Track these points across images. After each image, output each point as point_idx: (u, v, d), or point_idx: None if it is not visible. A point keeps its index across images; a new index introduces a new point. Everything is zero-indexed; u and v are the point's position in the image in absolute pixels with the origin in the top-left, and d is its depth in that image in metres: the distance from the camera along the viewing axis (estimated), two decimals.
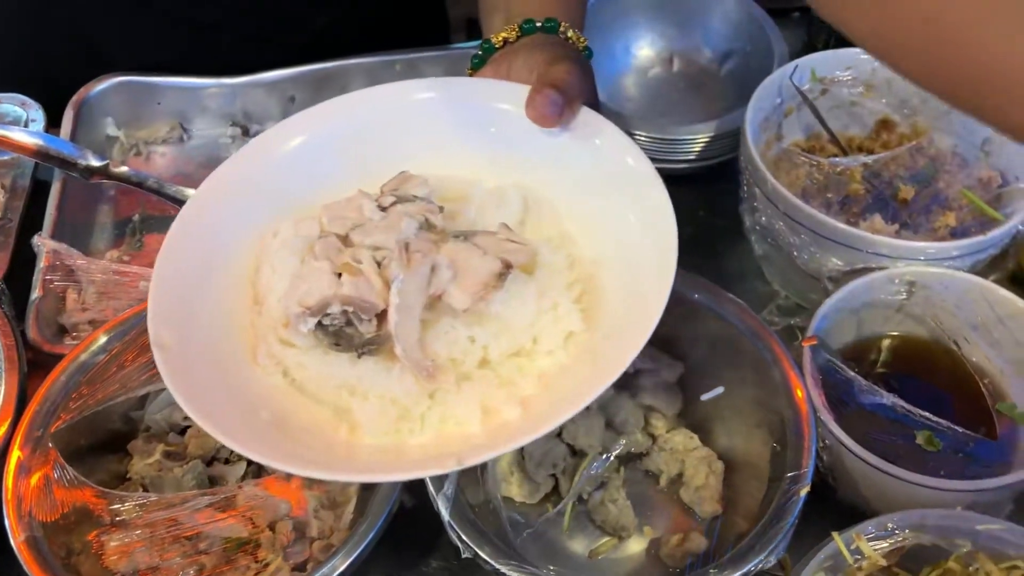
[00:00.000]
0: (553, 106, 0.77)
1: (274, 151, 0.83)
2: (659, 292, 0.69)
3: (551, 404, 0.68)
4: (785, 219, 0.96)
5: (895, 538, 0.80)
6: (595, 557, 0.92)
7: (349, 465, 0.70)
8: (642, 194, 0.76)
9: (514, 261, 0.74)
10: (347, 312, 0.71)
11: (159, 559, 0.80)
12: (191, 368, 0.69)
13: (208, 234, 0.78)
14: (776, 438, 0.86)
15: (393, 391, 0.71)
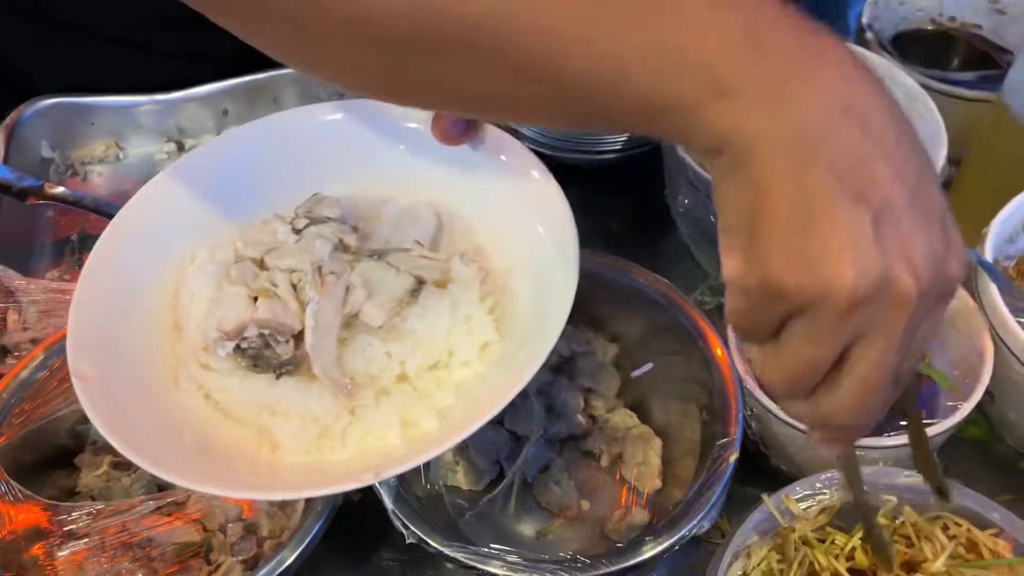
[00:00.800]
0: (455, 126, 0.80)
1: (189, 179, 0.84)
2: (564, 297, 0.72)
3: (467, 413, 0.71)
4: (707, 202, 1.00)
5: (824, 497, 0.83)
6: (542, 538, 0.94)
7: (272, 484, 0.72)
8: (546, 205, 0.79)
9: (427, 277, 0.77)
10: (264, 335, 0.74)
11: (108, 566, 0.81)
12: (113, 396, 0.71)
13: (127, 262, 0.79)
14: (706, 409, 0.90)
15: (313, 410, 0.74)
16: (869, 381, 0.54)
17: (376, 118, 0.86)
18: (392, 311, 0.75)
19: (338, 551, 0.92)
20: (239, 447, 0.74)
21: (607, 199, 1.23)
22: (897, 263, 0.50)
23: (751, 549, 0.83)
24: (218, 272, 0.79)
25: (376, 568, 0.93)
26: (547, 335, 0.70)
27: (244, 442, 0.74)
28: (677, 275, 1.12)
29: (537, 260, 0.79)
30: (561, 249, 0.75)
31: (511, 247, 0.82)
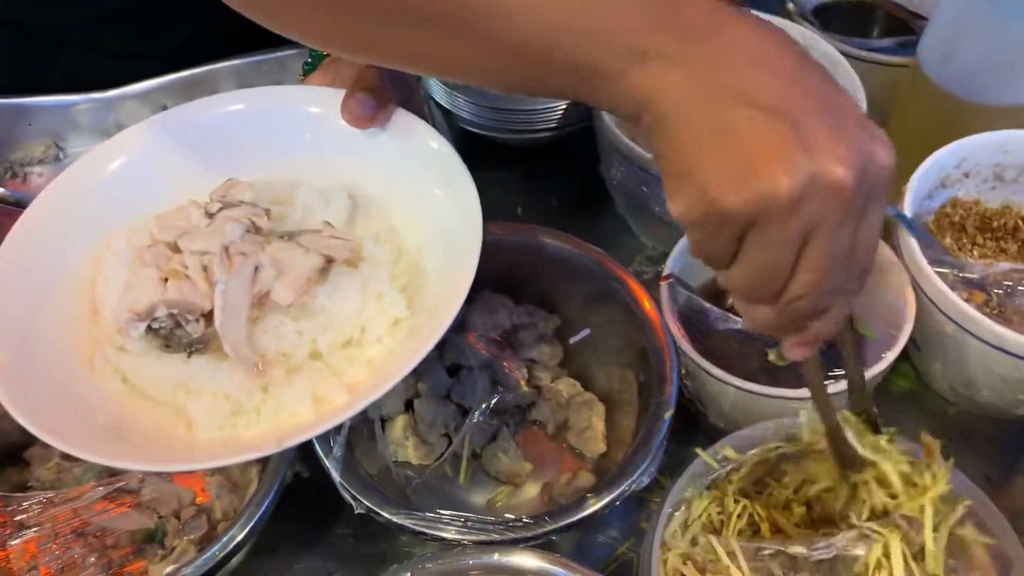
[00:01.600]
0: (365, 108, 0.83)
1: (103, 168, 0.86)
2: (466, 276, 0.74)
3: (375, 385, 0.73)
4: (638, 172, 1.03)
5: (756, 448, 0.86)
6: (493, 505, 0.97)
7: (186, 459, 0.74)
8: (452, 183, 0.81)
9: (336, 256, 0.79)
10: (174, 315, 0.76)
11: (60, 552, 0.82)
12: (28, 381, 0.73)
13: (42, 252, 0.81)
14: (643, 372, 0.92)
15: (225, 387, 0.76)
16: (823, 264, 0.57)
17: (285, 105, 0.88)
18: (301, 290, 0.76)
19: (291, 528, 0.94)
20: (156, 426, 0.75)
21: (546, 177, 1.25)
22: (823, 158, 0.53)
23: (691, 502, 0.86)
24: (132, 257, 0.81)
25: (329, 543, 0.95)
26: (451, 304, 0.73)
27: (161, 421, 0.76)
28: (617, 248, 1.16)
29: (445, 236, 0.81)
30: (467, 224, 0.78)
31: (422, 224, 0.84)
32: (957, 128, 1.01)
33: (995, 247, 1.03)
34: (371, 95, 0.83)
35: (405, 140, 0.85)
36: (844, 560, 0.81)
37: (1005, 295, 0.95)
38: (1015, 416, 0.93)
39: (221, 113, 0.88)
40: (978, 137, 1.00)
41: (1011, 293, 0.95)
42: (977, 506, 0.81)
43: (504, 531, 0.81)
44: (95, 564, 0.82)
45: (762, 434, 0.86)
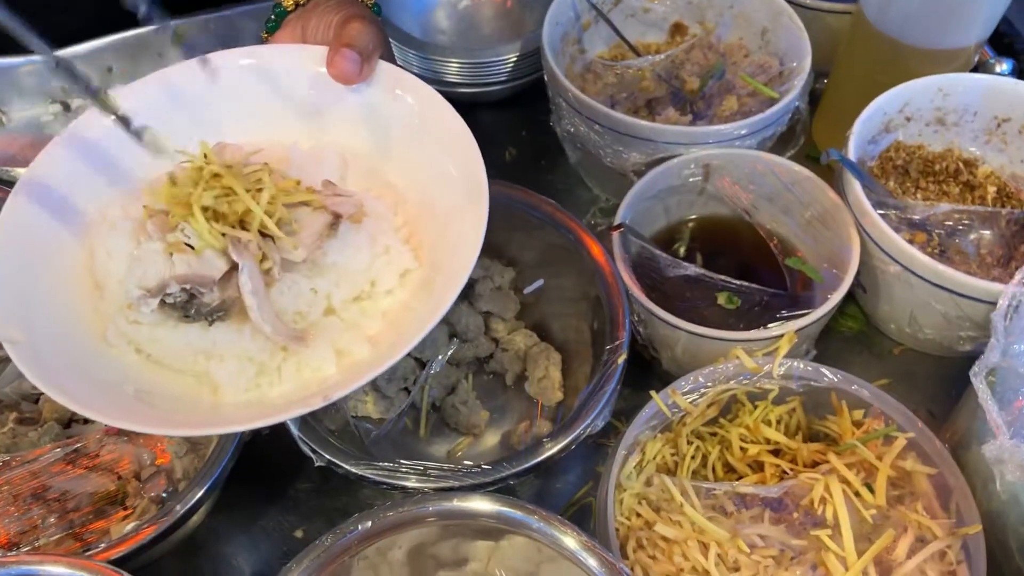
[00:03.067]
0: (352, 64, 0.82)
1: (87, 136, 0.84)
2: (476, 224, 0.75)
3: (397, 336, 0.74)
4: (588, 123, 1.03)
5: (708, 390, 0.88)
6: (454, 456, 0.98)
7: (219, 421, 0.74)
8: (448, 136, 0.81)
9: (343, 212, 0.79)
10: (187, 288, 0.75)
11: (18, 513, 0.82)
12: (46, 357, 0.72)
13: (35, 226, 0.79)
14: (597, 320, 0.94)
15: (248, 350, 0.76)
16: None
17: (273, 64, 0.87)
18: (313, 246, 0.76)
19: (252, 486, 0.94)
20: (179, 393, 0.75)
21: (499, 131, 1.26)
22: None
23: (645, 445, 0.88)
24: (133, 228, 0.79)
25: (291, 499, 0.96)
26: (463, 261, 0.73)
27: (184, 388, 0.76)
28: (571, 201, 1.17)
29: (445, 189, 0.81)
30: (468, 177, 0.78)
31: (418, 179, 0.84)
32: (899, 73, 1.03)
33: (937, 190, 1.05)
34: (356, 50, 0.82)
35: (393, 93, 0.84)
36: (792, 494, 0.83)
37: (946, 235, 0.97)
38: (957, 353, 0.96)
39: (207, 74, 0.87)
40: (919, 81, 1.02)
41: (951, 233, 0.97)
42: (919, 439, 0.84)
43: (463, 478, 0.82)
44: (55, 525, 0.82)
45: (711, 377, 0.88)
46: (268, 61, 0.88)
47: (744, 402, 0.92)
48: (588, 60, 1.17)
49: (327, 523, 0.95)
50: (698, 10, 1.17)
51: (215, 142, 0.84)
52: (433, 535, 0.82)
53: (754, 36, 1.15)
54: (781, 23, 1.10)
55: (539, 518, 0.77)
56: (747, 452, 0.90)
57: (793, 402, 0.91)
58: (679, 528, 0.81)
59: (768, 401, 0.91)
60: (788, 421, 0.92)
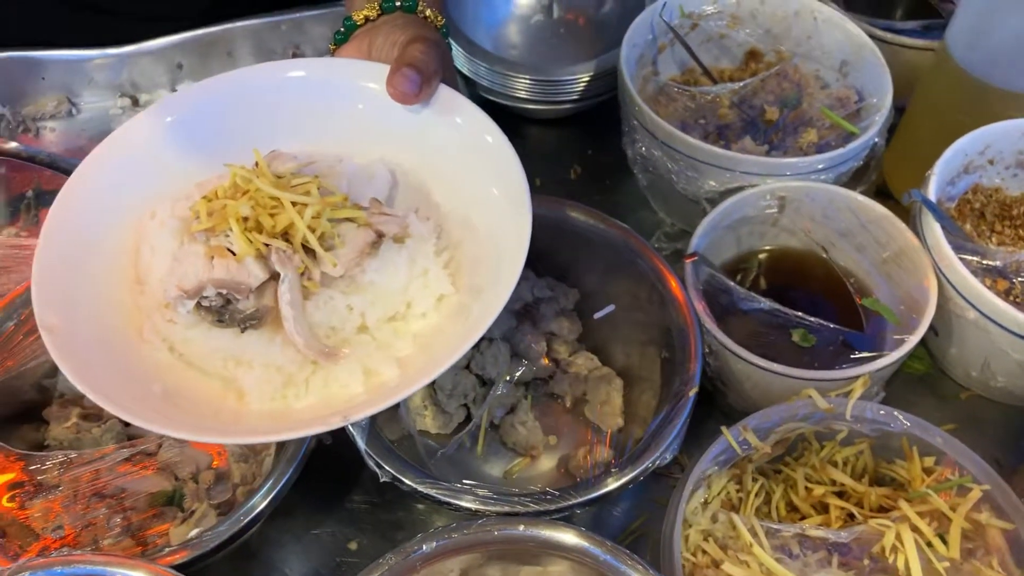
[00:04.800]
0: (411, 84, 0.82)
1: (147, 133, 0.84)
2: (517, 252, 0.74)
3: (426, 361, 0.74)
4: (663, 147, 1.02)
5: (778, 429, 0.87)
6: (510, 477, 0.97)
7: (240, 429, 0.74)
8: (499, 167, 0.81)
9: (386, 231, 0.79)
10: (223, 293, 0.75)
11: (82, 514, 0.82)
12: (81, 347, 0.72)
13: (86, 216, 0.79)
14: (666, 349, 0.92)
15: (277, 359, 0.76)
16: None
17: (335, 77, 0.87)
18: (352, 262, 0.76)
19: (310, 495, 0.94)
20: (205, 396, 0.75)
21: (566, 149, 1.25)
22: None
23: (711, 479, 0.87)
24: (179, 227, 0.80)
25: (348, 511, 0.96)
26: (500, 289, 0.73)
27: (210, 391, 0.75)
28: (634, 223, 1.14)
29: (490, 216, 0.81)
30: (514, 206, 0.78)
31: (465, 204, 0.84)
32: (983, 114, 1.01)
33: (1014, 235, 1.03)
34: (417, 71, 0.82)
35: (449, 118, 0.84)
36: (861, 540, 0.82)
37: None
38: None
39: (277, 79, 0.87)
40: (1004, 124, 1.00)
41: None
42: (995, 492, 0.82)
43: (527, 502, 0.81)
44: (119, 526, 0.82)
45: (782, 416, 0.87)
46: (330, 73, 0.87)
47: (811, 441, 0.90)
48: (661, 83, 1.16)
49: (380, 537, 0.94)
50: (775, 39, 1.16)
51: (269, 150, 0.84)
52: (479, 558, 0.81)
53: (831, 68, 1.13)
54: (862, 57, 1.09)
55: (606, 550, 0.76)
56: (812, 492, 0.89)
57: (861, 444, 0.90)
58: (747, 568, 0.80)
59: (835, 441, 0.90)
60: (855, 463, 0.91)
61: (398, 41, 0.86)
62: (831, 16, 1.12)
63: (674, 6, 1.12)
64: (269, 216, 0.75)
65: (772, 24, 1.15)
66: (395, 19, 0.90)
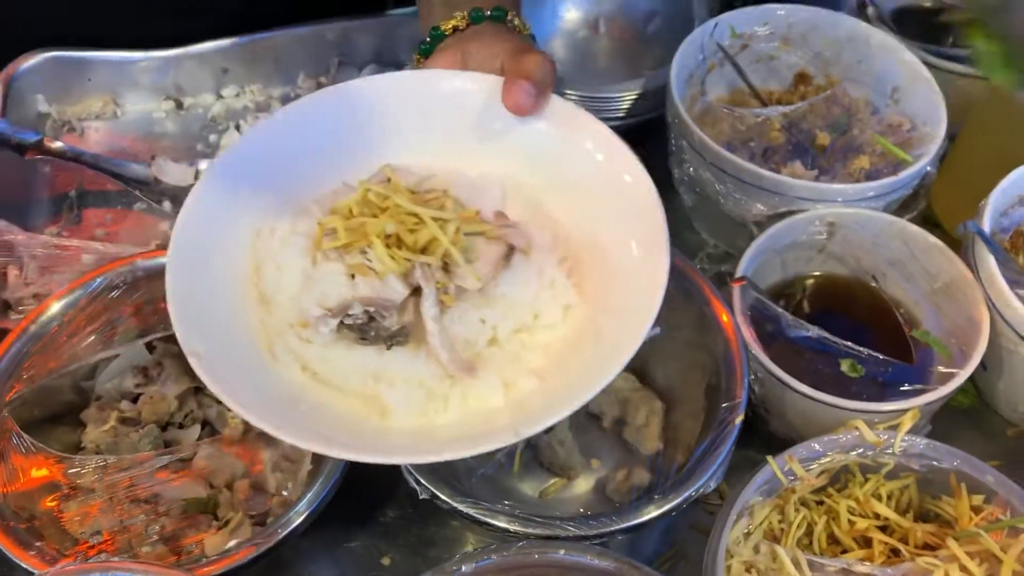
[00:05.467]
0: (528, 96, 0.81)
1: (259, 149, 0.82)
2: (655, 268, 0.73)
3: (566, 372, 0.73)
4: (712, 169, 1.01)
5: (824, 460, 0.85)
6: (545, 497, 0.96)
7: (411, 448, 0.72)
8: (621, 175, 0.80)
9: (517, 243, 0.78)
10: (368, 311, 0.74)
11: (120, 520, 0.82)
12: (226, 371, 0.70)
13: (205, 236, 0.77)
14: (711, 373, 0.91)
15: (420, 375, 0.75)
16: None
17: (442, 88, 0.85)
18: (488, 276, 0.75)
19: (344, 507, 0.92)
20: (346, 415, 0.74)
21: None
22: None
23: (753, 509, 0.85)
24: (306, 245, 0.78)
25: (381, 525, 0.95)
26: (641, 302, 0.72)
27: (350, 410, 0.74)
28: (678, 243, 1.13)
29: (614, 228, 0.79)
30: (641, 216, 0.77)
31: (583, 214, 0.82)
32: None
33: None
34: (533, 83, 0.81)
35: (566, 129, 0.83)
36: None
37: None
38: None
39: (388, 91, 0.85)
40: None
41: None
42: None
43: (568, 527, 0.80)
44: (157, 534, 0.82)
45: (828, 447, 0.85)
46: (436, 84, 0.86)
47: (855, 472, 0.89)
48: (708, 103, 1.15)
49: (413, 553, 0.93)
50: (826, 62, 1.15)
51: (381, 163, 0.82)
52: None
53: (883, 94, 1.12)
54: (915, 84, 1.07)
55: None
56: (855, 525, 0.87)
57: (907, 479, 0.88)
58: None
59: (880, 475, 0.88)
60: (899, 497, 0.89)
61: (501, 52, 0.85)
62: (884, 41, 1.10)
63: (725, 26, 1.11)
64: (409, 232, 0.75)
65: (823, 47, 1.14)
66: (485, 29, 0.90)
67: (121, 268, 0.91)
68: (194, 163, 1.17)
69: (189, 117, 1.26)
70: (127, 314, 0.92)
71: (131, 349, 0.93)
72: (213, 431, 0.96)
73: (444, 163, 0.84)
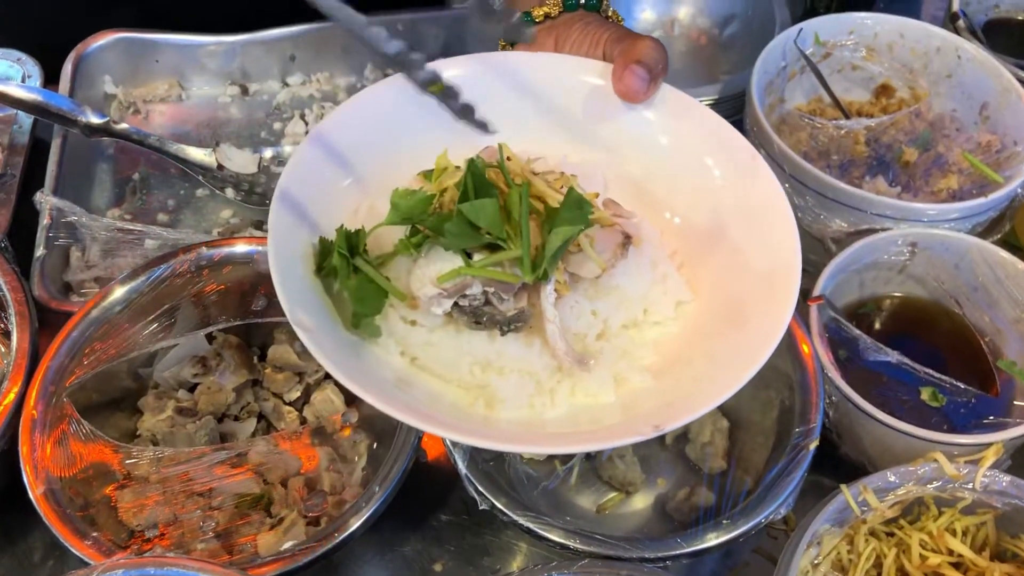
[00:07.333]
0: (641, 82, 0.79)
1: (359, 120, 0.80)
2: (785, 282, 0.70)
3: (684, 372, 0.70)
4: (791, 181, 0.97)
5: (899, 491, 0.82)
6: (602, 512, 0.93)
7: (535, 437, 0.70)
8: (739, 175, 0.77)
9: (632, 233, 0.74)
10: (487, 292, 0.70)
11: (175, 514, 0.81)
12: (333, 348, 0.67)
13: (304, 210, 0.74)
14: (783, 395, 0.88)
15: (533, 365, 0.71)
16: None
17: (546, 72, 0.83)
18: (608, 263, 0.71)
19: (397, 511, 0.90)
20: (449, 401, 0.71)
21: None
22: None
23: (823, 538, 0.82)
24: None
25: (433, 529, 0.93)
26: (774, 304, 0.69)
27: (453, 397, 0.71)
28: None
29: (726, 229, 0.76)
30: (765, 227, 0.73)
31: (691, 209, 0.79)
32: None
33: None
34: (646, 69, 0.78)
35: (677, 121, 0.80)
36: None
37: None
38: None
39: (481, 73, 0.83)
40: None
41: None
42: None
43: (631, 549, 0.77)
44: (212, 530, 0.80)
45: (905, 478, 0.82)
46: (538, 68, 0.84)
47: (929, 505, 0.85)
48: (786, 111, 1.12)
49: (466, 561, 0.92)
50: (912, 74, 1.11)
51: (481, 144, 0.78)
52: None
53: (970, 110, 1.08)
54: (1007, 100, 1.03)
55: None
56: (926, 561, 0.83)
57: (985, 515, 0.84)
58: None
59: (956, 509, 0.84)
60: (975, 534, 0.85)
61: (603, 39, 0.83)
62: (976, 55, 1.06)
63: (810, 33, 1.08)
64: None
65: (911, 59, 1.10)
66: (580, 16, 0.88)
67: (185, 256, 0.90)
68: (258, 151, 1.16)
69: (254, 103, 1.24)
70: (189, 303, 0.90)
71: (191, 339, 0.92)
72: (269, 425, 0.95)
73: (543, 148, 0.81)
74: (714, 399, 0.65)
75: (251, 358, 0.95)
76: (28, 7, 1.23)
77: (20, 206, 1.04)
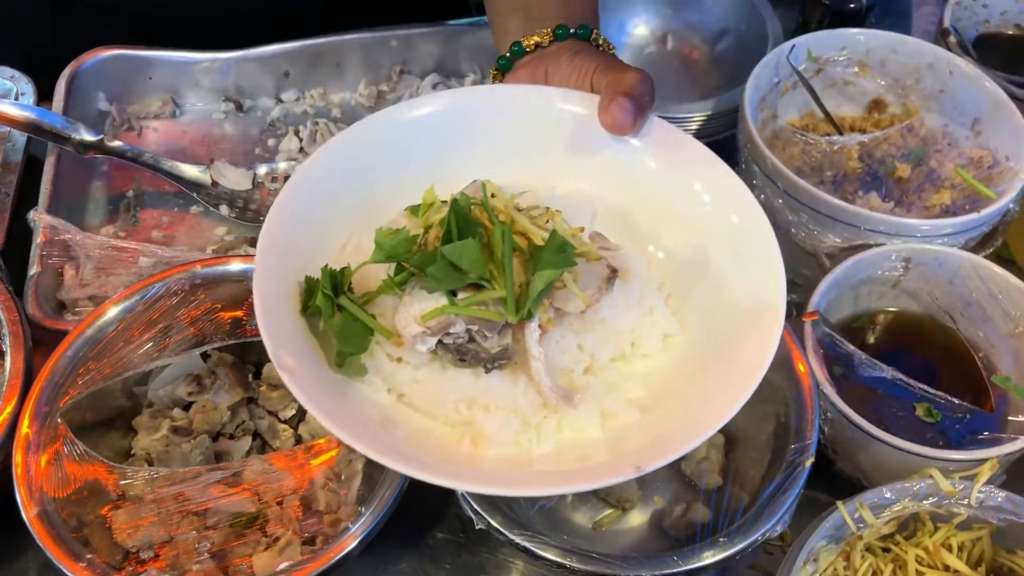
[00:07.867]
0: (627, 115, 0.78)
1: (345, 159, 0.80)
2: (770, 310, 0.70)
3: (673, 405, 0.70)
4: (784, 196, 0.98)
5: (895, 507, 0.82)
6: (599, 529, 0.93)
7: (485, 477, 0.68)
8: (725, 195, 0.77)
9: (618, 266, 0.74)
10: (470, 330, 0.70)
11: (170, 534, 0.80)
12: (316, 389, 0.67)
13: (288, 254, 0.74)
14: (779, 411, 0.88)
15: (518, 402, 0.71)
16: None
17: (531, 103, 0.83)
18: (593, 298, 0.71)
19: (393, 529, 0.90)
20: (435, 440, 0.70)
21: None
22: None
23: (819, 555, 0.82)
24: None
25: (430, 547, 0.93)
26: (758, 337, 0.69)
27: (439, 435, 0.71)
28: None
29: (713, 261, 0.76)
30: (752, 257, 0.73)
31: (678, 241, 0.79)
32: None
33: None
34: (633, 101, 0.78)
35: (665, 152, 0.80)
36: None
37: None
38: None
39: (466, 107, 0.83)
40: None
41: None
42: None
43: (627, 568, 0.77)
44: (207, 551, 0.80)
45: (900, 494, 0.82)
46: (525, 99, 0.84)
47: (925, 521, 0.85)
48: (778, 126, 1.12)
49: None
50: (904, 90, 1.11)
51: (467, 176, 0.79)
52: None
53: (962, 125, 1.08)
54: (999, 116, 1.04)
55: None
56: None
57: (981, 531, 0.84)
58: None
59: (952, 525, 0.84)
60: (971, 549, 0.85)
61: (590, 69, 0.82)
62: (968, 70, 1.06)
63: (803, 49, 1.08)
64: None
65: (903, 74, 1.11)
66: (570, 46, 0.87)
67: (180, 275, 0.89)
68: (252, 167, 1.16)
69: (248, 120, 1.24)
70: (184, 322, 0.90)
71: (186, 357, 0.92)
72: (264, 443, 0.94)
73: (530, 180, 0.81)
74: (699, 435, 0.65)
75: (246, 376, 0.95)
76: (21, 25, 1.23)
77: (14, 224, 1.04)
